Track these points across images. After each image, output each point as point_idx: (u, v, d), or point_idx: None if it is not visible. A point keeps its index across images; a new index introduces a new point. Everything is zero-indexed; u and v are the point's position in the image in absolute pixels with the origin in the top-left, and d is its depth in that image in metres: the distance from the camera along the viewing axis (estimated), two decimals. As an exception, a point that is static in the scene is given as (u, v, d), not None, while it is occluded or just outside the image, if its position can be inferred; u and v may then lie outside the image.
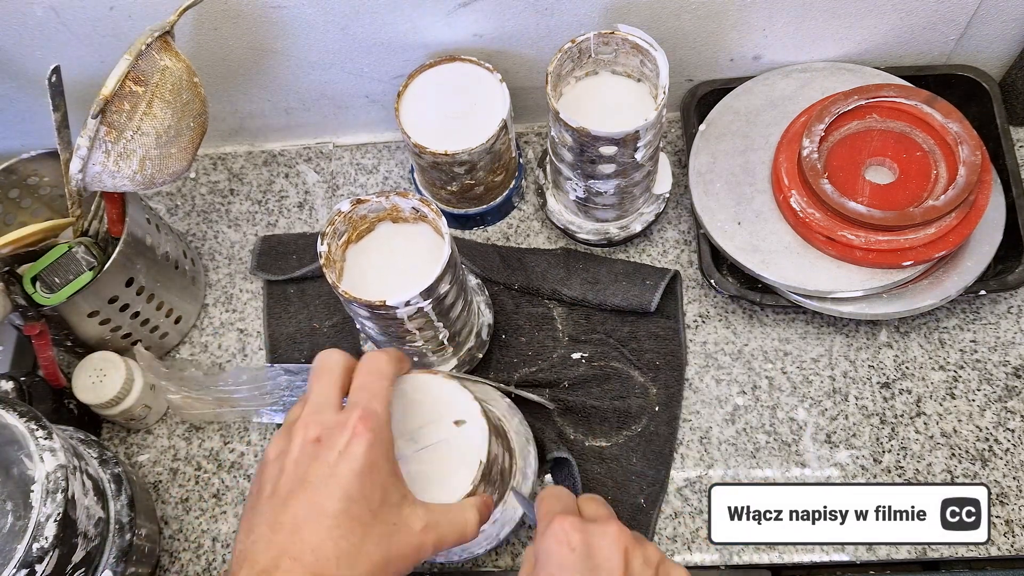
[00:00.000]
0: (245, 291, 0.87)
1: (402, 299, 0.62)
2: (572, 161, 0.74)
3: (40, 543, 0.56)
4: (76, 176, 0.67)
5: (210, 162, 0.95)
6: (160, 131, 0.67)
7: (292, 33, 0.79)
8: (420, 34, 0.79)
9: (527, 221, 0.88)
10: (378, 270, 0.69)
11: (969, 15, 0.79)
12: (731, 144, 0.81)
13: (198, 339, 0.86)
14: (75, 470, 0.61)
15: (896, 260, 0.72)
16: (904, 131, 0.76)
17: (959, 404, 0.76)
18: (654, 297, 0.79)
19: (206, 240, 0.91)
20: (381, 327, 0.68)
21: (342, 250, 0.69)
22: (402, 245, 0.70)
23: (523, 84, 0.83)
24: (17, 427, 0.60)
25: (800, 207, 0.75)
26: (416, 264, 0.68)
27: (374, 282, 0.68)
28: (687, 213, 0.86)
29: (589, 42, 0.72)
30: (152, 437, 0.81)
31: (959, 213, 0.72)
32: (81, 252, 0.73)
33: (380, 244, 0.70)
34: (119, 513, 0.68)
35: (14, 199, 0.79)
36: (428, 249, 0.69)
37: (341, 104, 0.90)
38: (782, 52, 0.83)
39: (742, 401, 0.78)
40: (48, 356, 0.74)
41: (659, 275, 0.81)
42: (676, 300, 0.82)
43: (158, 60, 0.66)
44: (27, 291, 0.72)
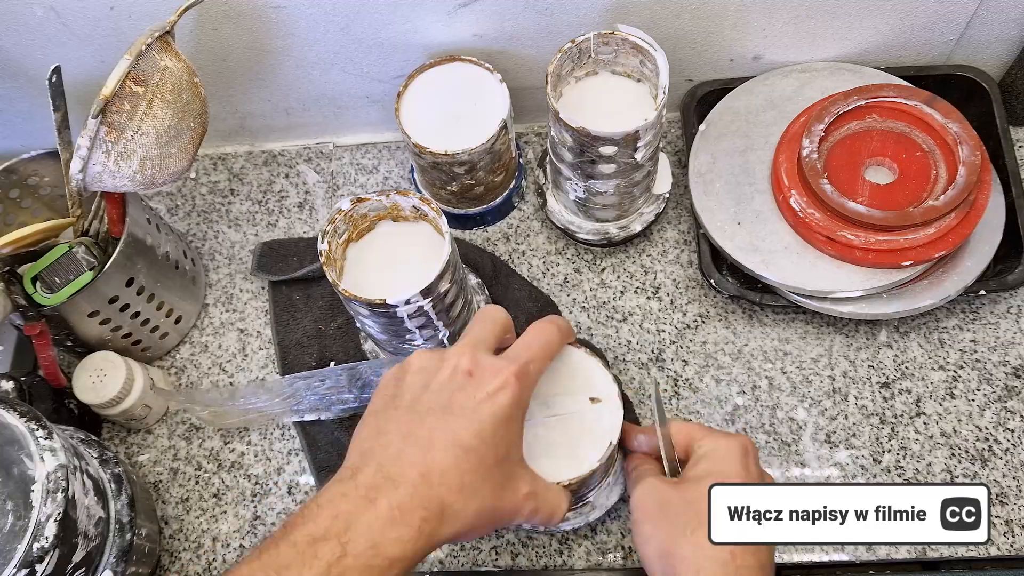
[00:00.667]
0: (245, 291, 0.88)
1: (402, 298, 0.62)
2: (572, 161, 0.74)
3: (40, 543, 0.56)
4: (76, 176, 0.67)
5: (210, 162, 0.95)
6: (160, 131, 0.67)
7: (292, 33, 0.79)
8: (420, 34, 0.79)
9: (527, 221, 0.88)
10: (379, 269, 0.69)
11: (969, 15, 0.79)
12: (731, 144, 0.81)
13: (198, 339, 0.86)
14: (75, 470, 0.61)
15: (896, 260, 0.73)
16: (904, 131, 0.76)
17: (959, 404, 0.76)
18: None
19: (206, 240, 0.91)
20: (381, 326, 0.68)
21: (343, 249, 0.69)
22: (402, 244, 0.70)
23: (523, 84, 0.83)
24: (17, 427, 0.60)
25: (800, 207, 0.75)
26: (416, 263, 0.68)
27: (375, 280, 0.68)
28: (687, 213, 0.86)
29: (589, 42, 0.72)
30: (152, 437, 0.82)
31: (959, 213, 0.72)
32: (81, 252, 0.74)
33: (380, 243, 0.70)
34: (119, 513, 0.68)
35: (14, 199, 0.79)
36: (428, 248, 0.69)
37: (341, 104, 0.90)
38: (782, 52, 0.83)
39: (742, 401, 0.78)
40: (48, 356, 0.74)
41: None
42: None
43: (158, 60, 0.66)
44: (27, 291, 0.73)
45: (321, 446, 0.78)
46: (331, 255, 0.66)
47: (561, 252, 0.86)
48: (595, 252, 0.86)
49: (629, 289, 0.84)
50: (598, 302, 0.83)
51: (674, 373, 0.80)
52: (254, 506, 0.78)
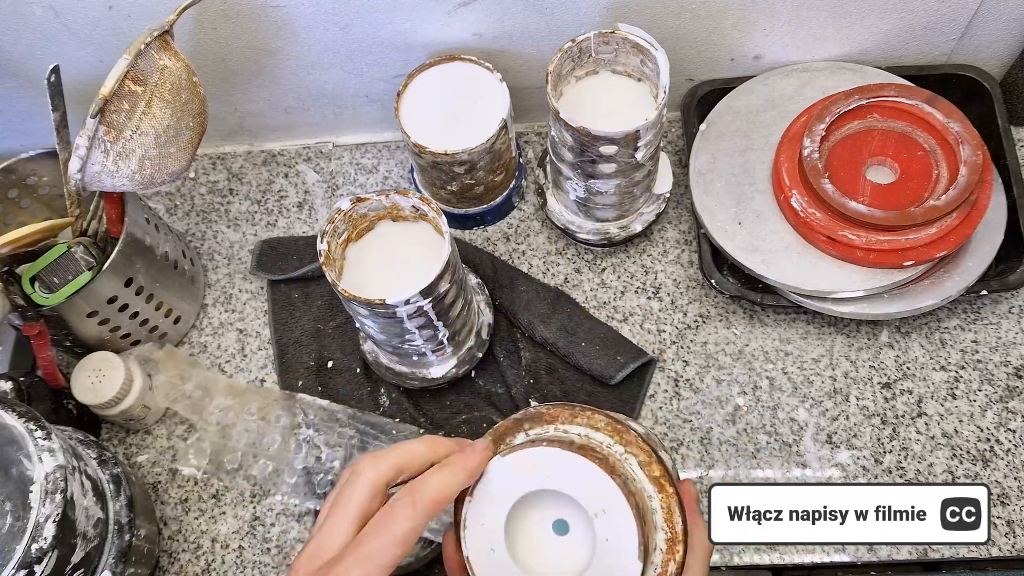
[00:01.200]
0: (244, 291, 0.87)
1: (401, 298, 0.62)
2: (572, 161, 0.74)
3: (39, 544, 0.56)
4: (75, 176, 0.67)
5: (209, 162, 0.95)
6: (159, 131, 0.67)
7: (292, 32, 0.79)
8: (420, 33, 0.79)
9: (527, 221, 0.88)
10: (378, 268, 0.69)
11: (970, 15, 0.79)
12: (731, 144, 0.81)
13: (197, 339, 0.85)
14: (74, 471, 0.61)
15: (897, 260, 0.72)
16: (905, 131, 0.76)
17: (960, 404, 0.76)
18: (618, 374, 0.77)
19: (205, 240, 0.90)
20: (381, 326, 0.68)
21: (342, 248, 0.69)
22: (402, 244, 0.69)
23: (523, 84, 0.83)
24: (16, 427, 0.60)
25: (801, 207, 0.75)
26: (416, 263, 0.68)
27: (374, 280, 0.68)
28: (687, 213, 0.86)
29: (589, 41, 0.72)
30: (151, 438, 0.81)
31: (960, 213, 0.72)
32: (80, 252, 0.73)
33: (380, 242, 0.70)
34: (118, 514, 0.68)
35: (13, 199, 0.79)
36: (428, 248, 0.69)
37: (341, 104, 0.89)
38: (783, 52, 0.83)
39: (743, 401, 0.78)
40: (47, 356, 0.74)
41: (633, 355, 0.78)
42: (641, 385, 0.79)
43: (157, 60, 0.66)
44: (26, 291, 0.72)
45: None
46: (331, 255, 0.66)
47: (561, 252, 0.86)
48: (595, 252, 0.86)
49: (629, 289, 0.83)
50: (598, 302, 0.83)
51: (675, 373, 0.79)
52: (253, 507, 0.78)
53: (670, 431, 0.77)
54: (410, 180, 0.89)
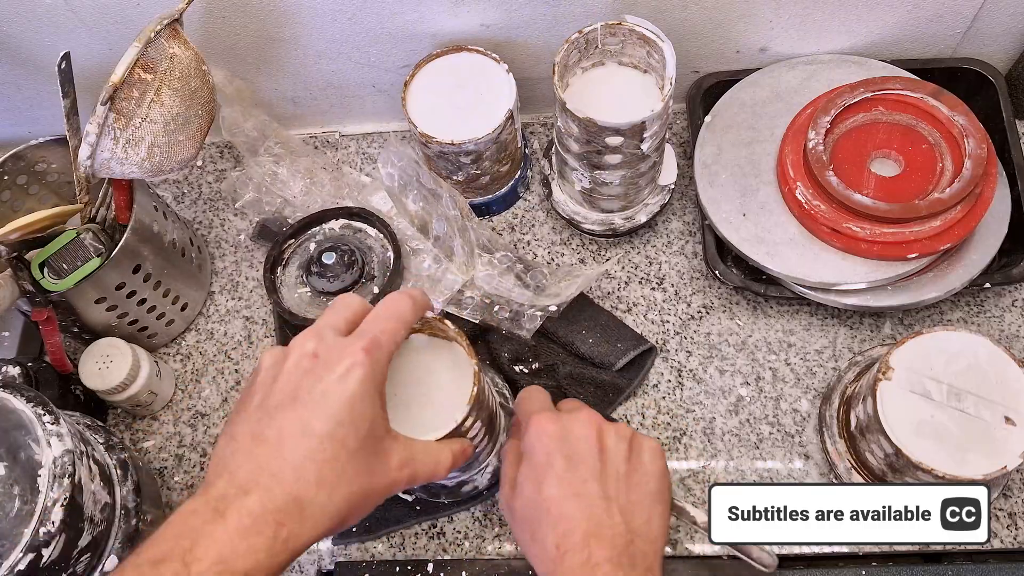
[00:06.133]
0: (251, 279, 0.88)
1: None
2: (578, 152, 0.74)
3: (47, 527, 0.57)
4: (85, 163, 0.67)
5: (217, 150, 0.95)
6: (168, 118, 0.68)
7: (300, 22, 0.79)
8: (427, 24, 0.79)
9: (532, 211, 0.88)
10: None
11: (976, 8, 0.79)
12: (737, 136, 0.81)
13: (204, 326, 0.86)
14: (82, 455, 0.62)
15: (901, 252, 0.73)
16: (910, 124, 0.76)
17: (962, 397, 0.76)
18: (618, 362, 0.77)
19: (212, 228, 0.91)
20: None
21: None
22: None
23: (529, 74, 0.83)
24: (24, 412, 0.61)
25: (805, 199, 0.75)
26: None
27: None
28: (692, 204, 0.86)
29: (596, 33, 0.72)
30: (158, 423, 0.82)
31: (964, 206, 0.72)
32: (89, 239, 0.74)
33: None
34: (125, 499, 0.68)
35: (22, 186, 0.79)
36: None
37: (348, 93, 0.90)
38: (788, 44, 0.83)
39: (745, 392, 0.78)
40: (55, 342, 0.74)
41: (634, 343, 0.78)
42: (640, 371, 0.79)
43: (167, 48, 0.66)
44: (35, 277, 0.73)
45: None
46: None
47: (566, 242, 0.86)
48: (600, 242, 0.86)
49: (634, 280, 0.84)
50: (603, 292, 0.83)
51: (678, 364, 0.80)
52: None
53: (673, 421, 0.78)
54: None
